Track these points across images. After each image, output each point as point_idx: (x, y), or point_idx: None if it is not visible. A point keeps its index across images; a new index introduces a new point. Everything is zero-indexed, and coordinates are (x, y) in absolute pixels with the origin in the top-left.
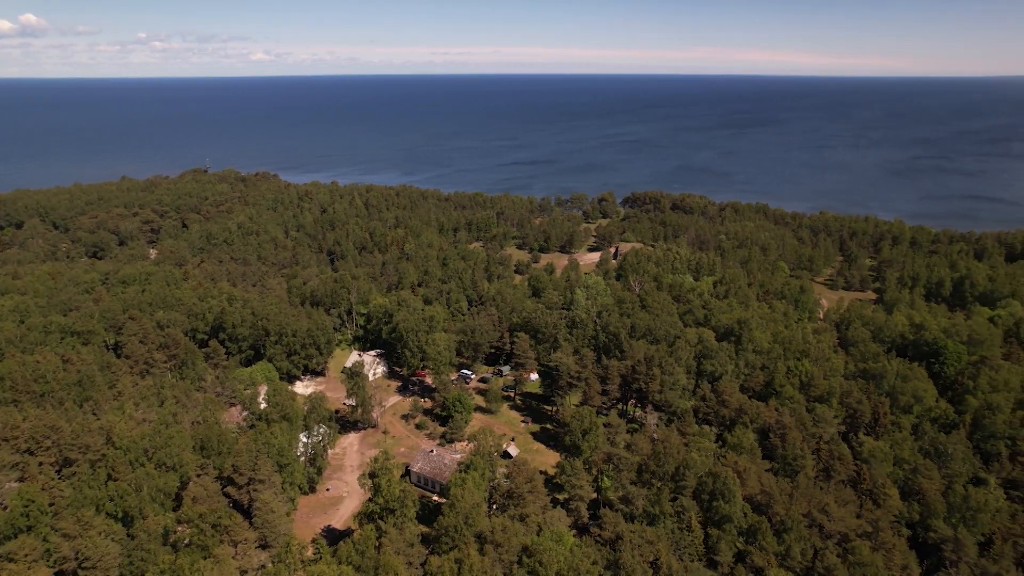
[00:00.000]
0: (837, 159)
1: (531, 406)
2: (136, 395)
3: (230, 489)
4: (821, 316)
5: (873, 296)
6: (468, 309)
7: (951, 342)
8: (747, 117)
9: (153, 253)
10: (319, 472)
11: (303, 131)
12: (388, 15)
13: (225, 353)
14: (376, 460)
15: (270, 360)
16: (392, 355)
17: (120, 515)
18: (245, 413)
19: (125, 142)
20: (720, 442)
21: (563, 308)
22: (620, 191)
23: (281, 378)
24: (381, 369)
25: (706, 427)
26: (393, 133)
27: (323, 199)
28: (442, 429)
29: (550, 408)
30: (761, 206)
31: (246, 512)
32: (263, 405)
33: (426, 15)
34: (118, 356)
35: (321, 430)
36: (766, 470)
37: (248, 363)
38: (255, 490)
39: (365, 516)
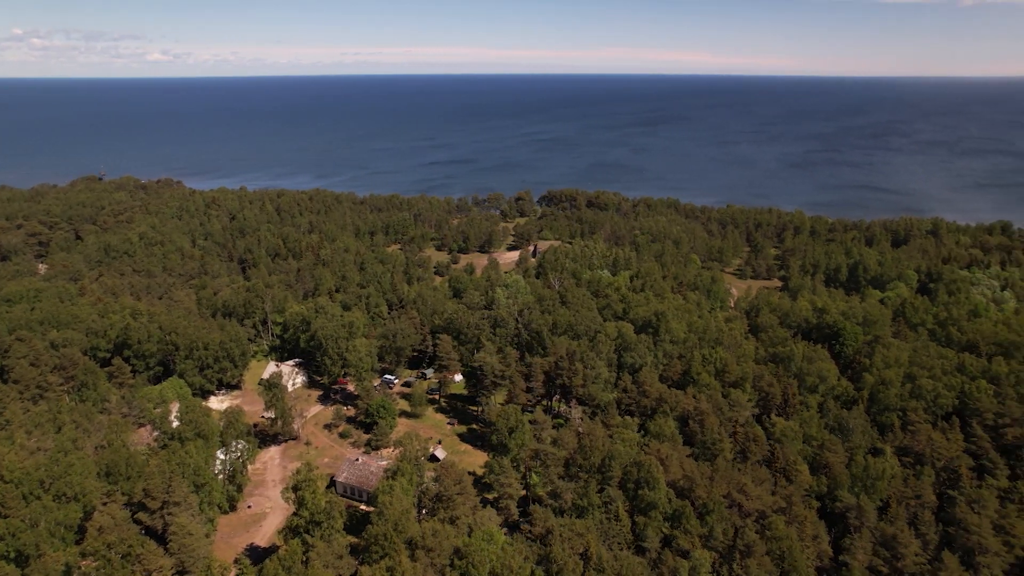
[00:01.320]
0: (741, 154)
1: (456, 407)
2: (28, 422)
3: (142, 515)
4: (732, 305)
5: (779, 283)
6: (388, 313)
7: (849, 324)
8: (657, 115)
9: (43, 268)
10: (239, 489)
11: (207, 135)
12: (294, 14)
13: (131, 371)
14: (299, 472)
15: (181, 376)
16: (311, 364)
17: (12, 555)
18: (156, 433)
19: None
20: (643, 431)
21: (485, 308)
22: (537, 189)
23: (194, 394)
24: (300, 379)
25: (629, 418)
26: (304, 136)
27: (232, 206)
28: (367, 436)
29: (476, 408)
30: (672, 201)
31: (160, 538)
32: (175, 423)
33: (334, 14)
34: (4, 381)
35: (239, 445)
36: (687, 455)
37: (157, 380)
38: (170, 514)
39: (290, 531)
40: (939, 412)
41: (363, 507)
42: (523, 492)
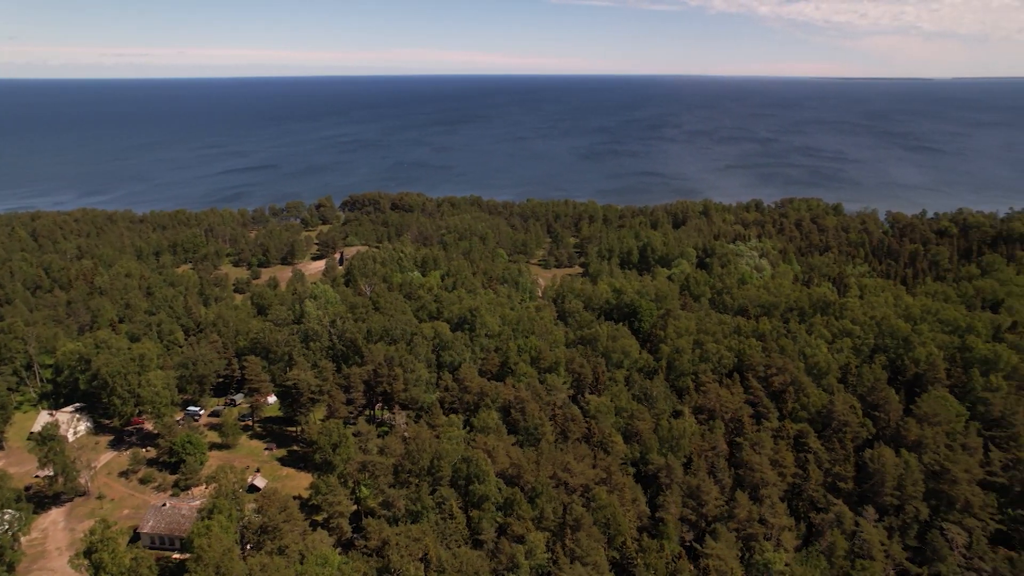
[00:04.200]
0: (536, 149)
1: (273, 431)
2: None
3: None
4: (540, 294)
5: (580, 270)
6: (186, 339)
7: (644, 301)
8: (457, 114)
9: None
10: (11, 568)
11: None
12: (25, 5)
13: None
14: (92, 532)
15: None
16: (97, 407)
17: None
18: None
19: None
20: (468, 427)
21: (294, 323)
22: (342, 192)
23: None
24: (84, 425)
25: (453, 415)
26: (61, 149)
27: None
28: (173, 478)
29: (294, 429)
30: (475, 198)
31: None
32: None
33: (86, 5)
34: None
35: (6, 516)
36: (512, 444)
37: None
38: None
39: None
40: (723, 371)
41: (176, 556)
42: (354, 507)
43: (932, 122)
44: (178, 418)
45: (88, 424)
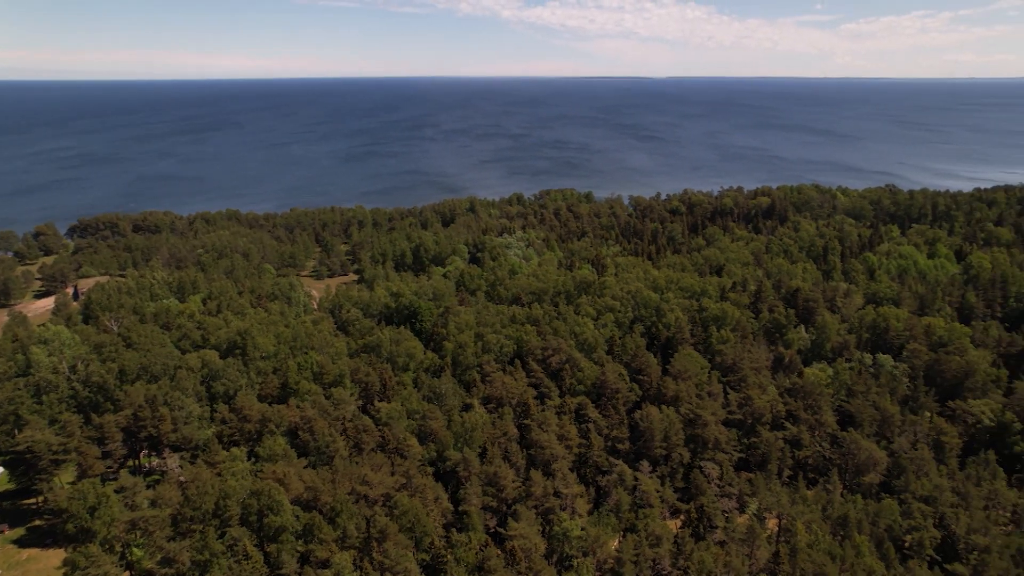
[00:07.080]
0: (294, 155)
1: (4, 508)
2: None
3: None
4: (315, 306)
5: (355, 277)
6: None
7: (423, 301)
8: (202, 122)
9: None
10: None
11: None
12: None
13: None
14: None
15: None
16: None
17: None
18: None
19: None
20: (253, 458)
21: (18, 375)
22: (71, 215)
23: None
24: None
25: (235, 449)
26: None
27: None
28: None
29: (34, 500)
30: (233, 212)
31: None
32: None
33: None
34: None
35: None
36: (305, 467)
37: None
38: None
39: None
40: (505, 359)
41: None
42: (126, 574)
43: (653, 115)
44: None
45: None
